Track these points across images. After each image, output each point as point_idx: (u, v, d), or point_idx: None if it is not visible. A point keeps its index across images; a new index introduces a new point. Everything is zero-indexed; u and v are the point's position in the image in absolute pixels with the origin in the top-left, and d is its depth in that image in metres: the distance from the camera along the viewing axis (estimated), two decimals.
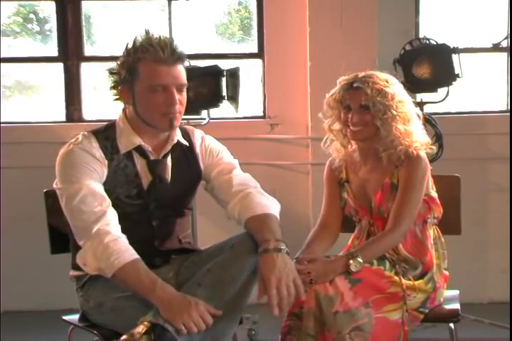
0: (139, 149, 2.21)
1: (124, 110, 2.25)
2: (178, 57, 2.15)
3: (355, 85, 2.38)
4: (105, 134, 2.22)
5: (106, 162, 2.17)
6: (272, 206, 2.21)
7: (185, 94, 2.19)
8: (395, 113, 2.36)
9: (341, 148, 2.51)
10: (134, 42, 2.15)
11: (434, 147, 2.48)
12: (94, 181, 2.12)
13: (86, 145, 2.17)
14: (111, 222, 2.07)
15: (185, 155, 2.29)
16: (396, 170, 2.40)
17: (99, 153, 2.16)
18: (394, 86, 2.40)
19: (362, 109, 2.38)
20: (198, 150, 2.32)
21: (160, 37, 2.14)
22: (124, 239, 2.06)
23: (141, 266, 2.01)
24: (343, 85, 2.42)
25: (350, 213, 2.52)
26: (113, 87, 2.22)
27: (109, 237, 2.02)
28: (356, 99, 2.38)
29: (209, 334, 1.95)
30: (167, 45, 2.12)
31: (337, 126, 2.47)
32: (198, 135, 2.35)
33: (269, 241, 2.01)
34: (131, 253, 2.02)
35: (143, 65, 2.12)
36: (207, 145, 2.34)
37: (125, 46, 2.17)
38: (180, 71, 2.16)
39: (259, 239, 2.04)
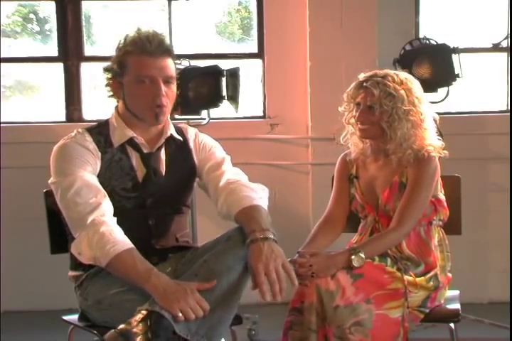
0: (132, 143, 2.23)
1: (116, 107, 2.29)
2: (166, 50, 2.18)
3: (364, 85, 2.39)
4: (98, 130, 2.26)
5: (99, 154, 2.19)
6: (257, 196, 2.20)
7: (173, 87, 2.21)
8: (402, 116, 2.35)
9: (359, 142, 2.50)
10: (125, 38, 2.20)
11: (446, 152, 2.44)
12: (88, 173, 2.14)
13: (79, 138, 2.20)
14: (106, 212, 2.08)
15: (180, 149, 2.31)
16: (405, 170, 2.40)
17: (92, 146, 2.19)
18: (410, 89, 2.37)
19: (368, 108, 2.38)
20: (191, 145, 2.34)
21: (149, 31, 2.18)
22: (119, 229, 2.06)
23: (137, 255, 2.02)
24: (357, 82, 2.42)
25: (356, 209, 2.52)
26: (107, 84, 2.26)
27: (105, 227, 2.03)
28: (364, 99, 2.39)
29: (206, 322, 1.94)
30: (154, 37, 2.16)
31: (352, 120, 2.48)
32: (191, 131, 2.38)
33: (255, 231, 2.01)
34: (126, 243, 2.03)
35: (131, 57, 2.17)
36: (200, 140, 2.37)
37: (117, 43, 2.21)
38: (168, 63, 2.19)
39: (247, 231, 2.05)
